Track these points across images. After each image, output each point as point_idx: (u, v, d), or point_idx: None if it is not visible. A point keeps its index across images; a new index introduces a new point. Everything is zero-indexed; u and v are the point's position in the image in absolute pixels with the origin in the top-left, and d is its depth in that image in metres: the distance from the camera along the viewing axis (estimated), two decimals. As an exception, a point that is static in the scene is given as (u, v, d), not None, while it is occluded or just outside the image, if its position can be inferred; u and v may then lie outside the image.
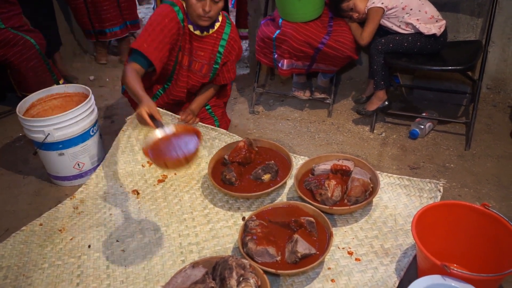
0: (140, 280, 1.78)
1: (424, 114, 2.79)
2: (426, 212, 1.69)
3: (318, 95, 3.07)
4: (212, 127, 2.48)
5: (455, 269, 1.46)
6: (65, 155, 2.30)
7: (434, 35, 2.55)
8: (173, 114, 2.39)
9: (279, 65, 2.82)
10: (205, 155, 2.44)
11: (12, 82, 3.05)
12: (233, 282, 1.53)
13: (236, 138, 2.40)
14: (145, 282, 1.77)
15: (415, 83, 3.15)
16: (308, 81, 3.19)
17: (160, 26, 2.16)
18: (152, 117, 1.84)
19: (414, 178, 2.12)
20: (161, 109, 2.31)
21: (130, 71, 2.09)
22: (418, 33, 2.59)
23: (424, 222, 1.67)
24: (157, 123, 1.83)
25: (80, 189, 2.30)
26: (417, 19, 2.56)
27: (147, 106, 1.86)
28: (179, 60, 2.36)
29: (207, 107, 2.65)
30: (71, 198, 2.24)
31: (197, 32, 2.29)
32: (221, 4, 2.19)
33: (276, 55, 2.80)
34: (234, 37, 2.42)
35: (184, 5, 2.22)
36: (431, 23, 2.56)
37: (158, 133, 1.77)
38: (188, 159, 1.68)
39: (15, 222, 2.15)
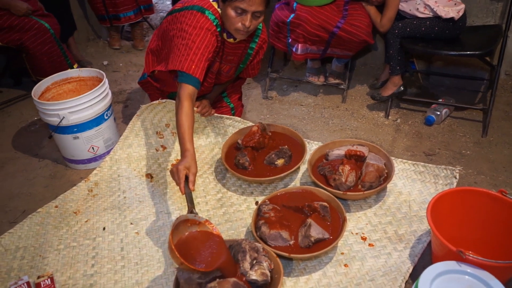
0: (154, 262, 1.80)
1: (440, 100, 2.74)
2: (442, 198, 1.67)
3: (332, 80, 3.03)
4: (227, 116, 2.46)
5: (471, 255, 1.45)
6: (79, 139, 2.32)
7: (452, 19, 2.49)
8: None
9: (293, 49, 2.79)
10: (219, 141, 2.44)
11: (27, 67, 3.08)
12: (247, 265, 1.53)
13: (250, 125, 2.38)
14: (159, 264, 1.79)
15: (431, 69, 3.10)
16: (323, 66, 3.16)
17: (204, 43, 1.97)
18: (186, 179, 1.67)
19: (429, 165, 2.10)
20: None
21: (187, 111, 1.85)
22: (436, 18, 2.53)
23: (440, 208, 1.65)
24: (188, 194, 1.65)
25: (94, 171, 2.32)
26: (435, 1, 2.50)
27: (189, 166, 1.69)
28: (210, 67, 2.25)
29: (223, 95, 2.63)
30: (85, 181, 2.26)
31: (231, 40, 2.14)
32: (261, 19, 1.98)
33: (290, 40, 2.77)
34: (264, 38, 2.30)
35: (220, 13, 2.02)
36: (449, 6, 2.50)
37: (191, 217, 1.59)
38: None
39: (31, 204, 2.18)
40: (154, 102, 2.40)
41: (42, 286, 1.68)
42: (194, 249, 1.54)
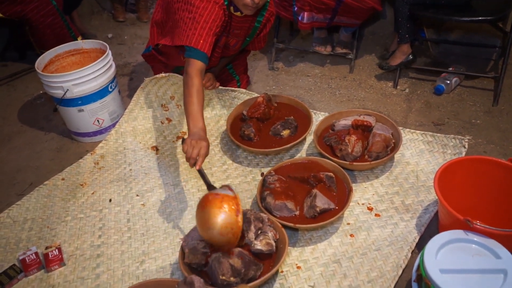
0: (160, 233, 1.81)
1: (450, 69, 2.68)
2: (450, 167, 1.64)
3: (339, 50, 2.97)
4: (232, 88, 2.43)
5: (478, 224, 1.43)
6: (84, 111, 2.31)
7: (464, -17, 2.41)
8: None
9: (299, 18, 2.72)
10: (224, 113, 2.42)
11: (31, 40, 3.05)
12: (251, 235, 1.53)
13: (255, 96, 2.35)
14: (165, 235, 1.80)
15: (441, 37, 3.01)
16: (329, 35, 3.09)
17: (212, 17, 1.91)
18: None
19: (438, 134, 2.06)
20: None
21: (198, 88, 1.81)
22: (447, -18, 2.44)
23: (448, 177, 1.63)
24: (203, 173, 1.61)
25: (100, 144, 2.32)
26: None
27: (203, 144, 1.63)
28: (217, 42, 2.18)
29: (228, 67, 2.58)
30: (91, 154, 2.26)
31: (238, 14, 2.07)
32: None
33: (296, 8, 2.70)
34: (272, 11, 2.23)
35: None
36: (461, -31, 2.41)
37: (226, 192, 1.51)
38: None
39: (39, 177, 2.19)
40: (157, 75, 2.37)
41: (50, 256, 1.70)
42: None
